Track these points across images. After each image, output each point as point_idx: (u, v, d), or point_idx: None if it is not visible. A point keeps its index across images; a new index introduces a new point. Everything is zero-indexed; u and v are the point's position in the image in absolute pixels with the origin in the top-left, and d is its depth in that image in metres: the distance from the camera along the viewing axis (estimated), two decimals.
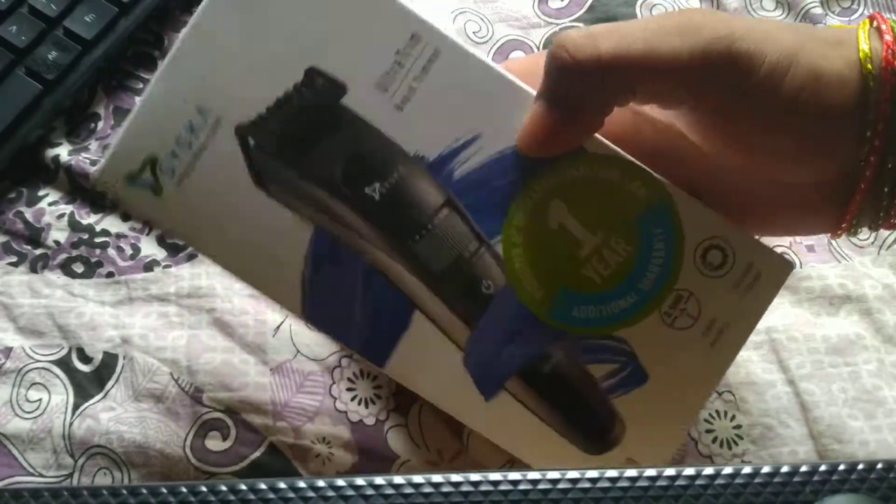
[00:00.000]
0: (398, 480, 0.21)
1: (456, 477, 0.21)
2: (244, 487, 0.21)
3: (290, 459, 0.33)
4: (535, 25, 0.42)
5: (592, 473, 0.21)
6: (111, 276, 0.36)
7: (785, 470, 0.21)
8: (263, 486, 0.21)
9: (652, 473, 0.21)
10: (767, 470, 0.21)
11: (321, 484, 0.21)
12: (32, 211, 0.37)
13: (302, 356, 0.34)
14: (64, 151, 0.38)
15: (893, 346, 0.35)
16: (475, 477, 0.21)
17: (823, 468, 0.21)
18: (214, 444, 0.33)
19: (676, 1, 0.43)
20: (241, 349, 0.34)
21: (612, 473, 0.21)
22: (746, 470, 0.21)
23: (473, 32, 0.42)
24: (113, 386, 0.34)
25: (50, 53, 0.38)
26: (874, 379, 0.34)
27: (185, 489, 0.21)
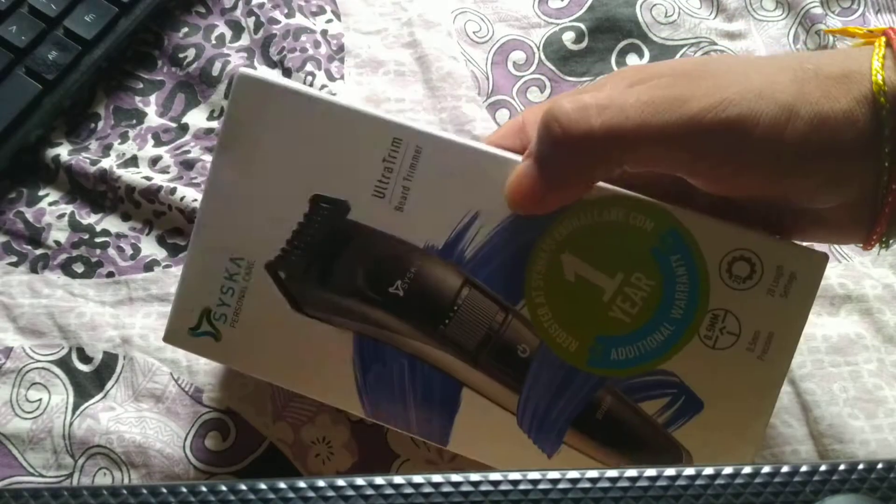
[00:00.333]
0: (398, 480, 0.21)
1: (456, 477, 0.21)
2: (244, 487, 0.21)
3: (290, 459, 0.33)
4: (535, 25, 0.42)
5: (592, 473, 0.21)
6: (111, 276, 0.36)
7: (785, 470, 0.21)
8: (263, 486, 0.21)
9: (652, 473, 0.21)
10: (768, 470, 0.21)
11: (321, 484, 0.21)
12: (33, 211, 0.37)
13: None
14: (64, 151, 0.38)
15: (894, 345, 0.35)
16: (475, 477, 0.21)
17: (824, 468, 0.21)
18: (214, 444, 0.33)
19: (676, 1, 0.43)
20: None
21: (612, 473, 0.21)
22: (746, 470, 0.21)
23: (473, 32, 0.42)
24: (113, 386, 0.34)
25: (50, 53, 0.38)
26: (875, 379, 0.34)
27: (185, 489, 0.21)
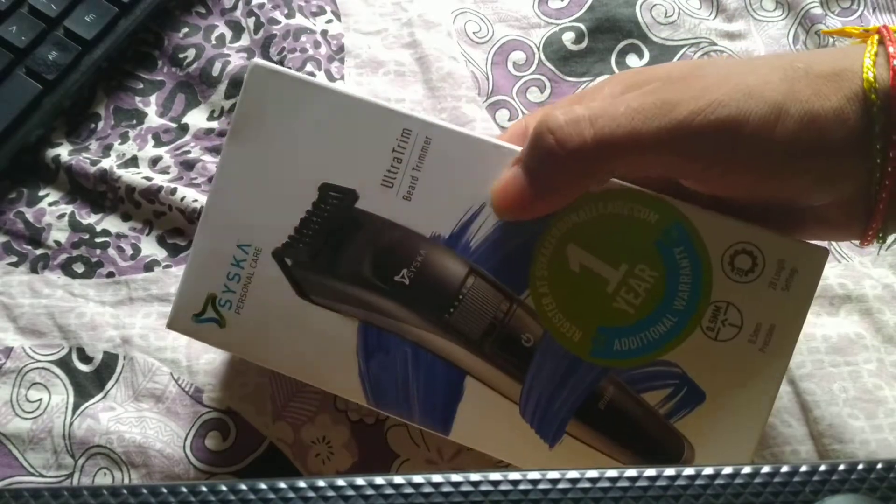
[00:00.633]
0: (398, 480, 0.21)
1: (456, 477, 0.21)
2: (244, 487, 0.21)
3: (290, 459, 0.33)
4: (535, 25, 0.42)
5: (592, 473, 0.21)
6: (111, 276, 0.36)
7: (785, 470, 0.21)
8: (263, 486, 0.21)
9: (651, 473, 0.21)
10: (767, 470, 0.21)
11: (321, 484, 0.21)
12: (33, 211, 0.37)
13: None
14: (64, 151, 0.38)
15: (893, 345, 0.35)
16: (475, 477, 0.21)
17: (823, 468, 0.21)
18: (214, 444, 0.33)
19: (676, 1, 0.43)
20: None
21: (611, 473, 0.21)
22: (746, 470, 0.21)
23: (473, 32, 0.42)
24: (113, 386, 0.34)
25: (50, 53, 0.38)
26: (874, 378, 0.34)
27: (185, 489, 0.21)
